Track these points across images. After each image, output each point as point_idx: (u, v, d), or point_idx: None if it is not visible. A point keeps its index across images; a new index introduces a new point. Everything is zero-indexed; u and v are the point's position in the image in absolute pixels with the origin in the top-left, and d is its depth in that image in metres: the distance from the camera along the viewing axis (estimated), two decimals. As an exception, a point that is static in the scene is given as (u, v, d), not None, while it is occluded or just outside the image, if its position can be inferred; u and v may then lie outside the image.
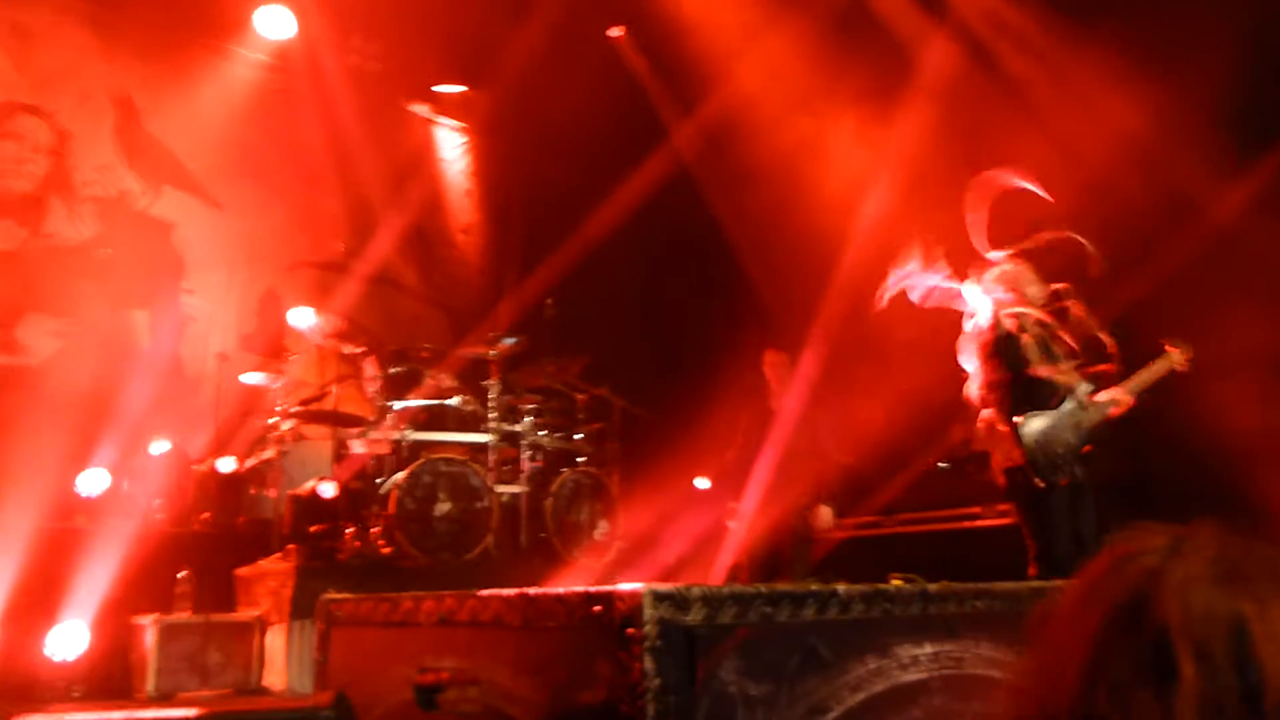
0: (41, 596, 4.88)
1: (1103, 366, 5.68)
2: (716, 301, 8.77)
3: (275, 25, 7.87)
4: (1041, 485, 4.44)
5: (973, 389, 4.71)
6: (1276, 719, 0.68)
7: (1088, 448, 4.62)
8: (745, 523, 5.73)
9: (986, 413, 4.68)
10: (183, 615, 4.96)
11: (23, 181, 7.04)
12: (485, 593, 2.08)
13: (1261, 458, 5.04)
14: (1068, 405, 4.61)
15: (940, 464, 7.17)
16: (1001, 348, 4.62)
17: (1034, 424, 4.52)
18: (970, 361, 4.71)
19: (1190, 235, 5.87)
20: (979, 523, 6.43)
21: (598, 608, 1.81)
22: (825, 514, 6.00)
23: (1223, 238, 5.82)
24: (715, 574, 5.91)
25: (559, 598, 1.93)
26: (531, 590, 1.98)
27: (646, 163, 8.39)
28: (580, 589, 1.91)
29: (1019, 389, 4.57)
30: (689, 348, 8.45)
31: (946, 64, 7.13)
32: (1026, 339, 4.63)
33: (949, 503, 6.76)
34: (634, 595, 1.79)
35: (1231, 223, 5.79)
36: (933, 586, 2.33)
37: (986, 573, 2.61)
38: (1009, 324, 4.67)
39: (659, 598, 1.79)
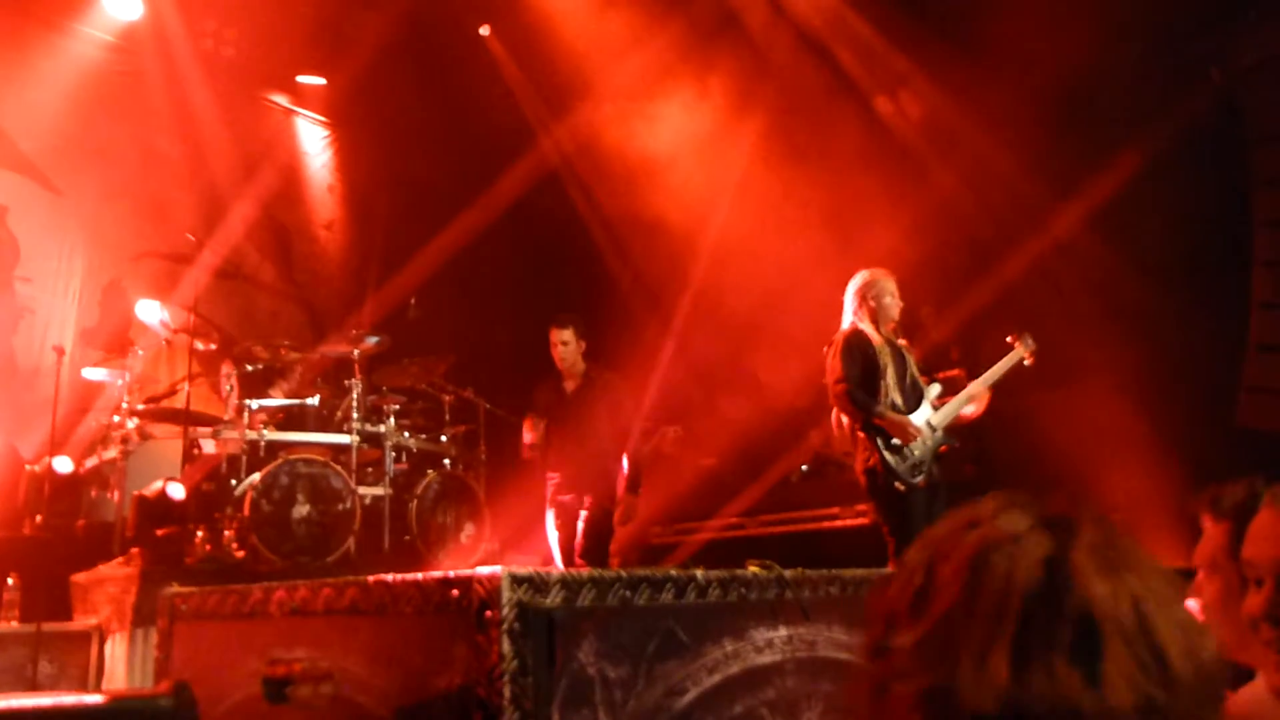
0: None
1: (952, 371, 5.98)
2: (583, 302, 8.80)
3: (121, 4, 7.48)
4: (901, 488, 4.60)
5: (832, 393, 4.85)
6: (1183, 688, 0.78)
7: (943, 448, 4.82)
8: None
9: (843, 416, 4.83)
10: (10, 625, 4.65)
11: None
12: (339, 580, 2.03)
13: (1096, 458, 5.38)
14: (921, 410, 4.81)
15: (801, 466, 7.38)
16: (855, 355, 4.77)
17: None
18: (830, 365, 4.86)
19: (1025, 252, 6.24)
20: (838, 523, 6.64)
21: (455, 591, 1.79)
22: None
23: (1056, 254, 6.21)
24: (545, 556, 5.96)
25: (416, 583, 1.90)
26: (388, 576, 1.94)
27: (513, 162, 8.35)
28: (437, 574, 1.88)
29: (872, 394, 4.73)
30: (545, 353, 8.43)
31: (798, 73, 7.37)
32: (879, 345, 4.81)
33: (809, 504, 6.96)
34: (492, 579, 1.77)
35: (1063, 241, 6.18)
36: (788, 573, 2.40)
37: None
38: (865, 330, 4.84)
39: (517, 580, 1.79)
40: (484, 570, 1.81)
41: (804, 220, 7.19)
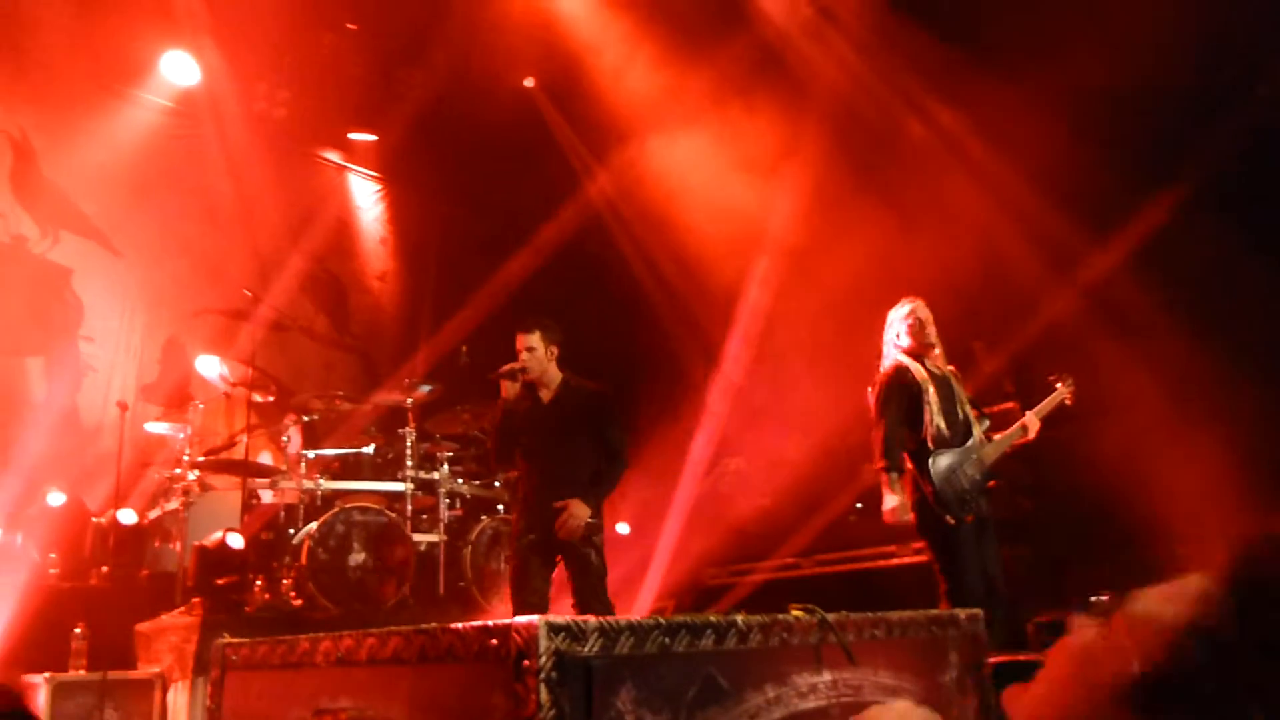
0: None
1: (1006, 405, 5.90)
2: (632, 344, 8.85)
3: (179, 71, 7.77)
4: (951, 521, 4.54)
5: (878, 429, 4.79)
6: None
7: (992, 483, 4.75)
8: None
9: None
10: (77, 673, 4.76)
11: (-88, 225, 6.80)
12: (382, 630, 2.06)
13: (1152, 488, 5.26)
14: (970, 442, 4.74)
15: (856, 504, 7.29)
16: (894, 393, 4.68)
17: (940, 461, 4.64)
18: (870, 406, 4.80)
19: (1076, 282, 6.17)
20: (894, 561, 6.54)
21: (494, 640, 1.81)
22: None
23: (1096, 291, 6.12)
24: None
25: (456, 633, 1.92)
26: (428, 626, 1.96)
27: (559, 208, 8.48)
28: (477, 623, 1.90)
29: (916, 427, 4.68)
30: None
31: (841, 107, 7.39)
32: (921, 378, 4.75)
33: (865, 542, 6.87)
34: (530, 627, 1.79)
35: (1103, 278, 6.11)
36: (831, 616, 2.37)
37: (906, 607, 2.66)
38: (905, 364, 4.79)
39: (554, 629, 1.80)
40: (521, 619, 1.82)
41: (851, 254, 7.18)
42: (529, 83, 8.93)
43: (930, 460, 4.62)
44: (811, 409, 7.73)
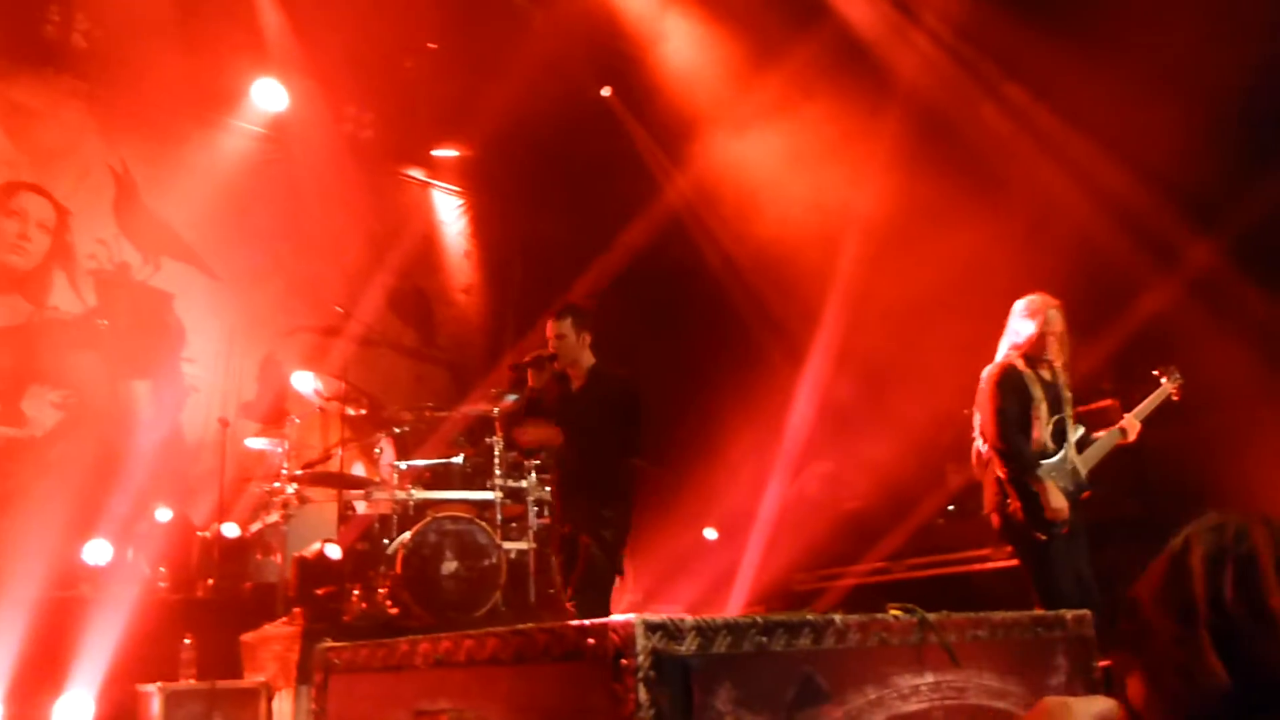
0: (47, 666, 4.86)
1: (1105, 402, 5.67)
2: (717, 348, 8.83)
3: (269, 97, 8.03)
4: (1043, 538, 4.36)
5: (979, 428, 4.59)
6: None
7: (1086, 494, 4.54)
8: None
9: (981, 446, 4.60)
10: (188, 682, 4.92)
11: (26, 258, 7.15)
12: (479, 632, 2.08)
13: (1249, 481, 5.03)
14: (1062, 454, 4.54)
15: (947, 506, 7.15)
16: (1008, 392, 4.45)
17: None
18: (981, 403, 4.59)
19: (1178, 275, 5.94)
20: (989, 565, 6.38)
21: (591, 640, 1.81)
22: None
23: (1200, 282, 5.89)
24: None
25: (553, 632, 1.93)
26: (525, 626, 1.98)
27: (640, 214, 8.51)
28: (574, 623, 1.91)
29: (1026, 433, 4.43)
30: (692, 397, 8.48)
31: (924, 99, 7.26)
32: (1032, 380, 4.52)
33: (957, 545, 6.72)
34: (626, 626, 1.79)
35: (1207, 268, 5.87)
36: (931, 616, 2.32)
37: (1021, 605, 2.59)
38: (1018, 365, 4.52)
39: (651, 628, 1.79)
40: (618, 618, 1.83)
41: (938, 248, 7.05)
42: (606, 92, 9.00)
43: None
44: (899, 409, 7.60)
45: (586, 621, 1.86)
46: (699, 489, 7.63)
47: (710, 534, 7.73)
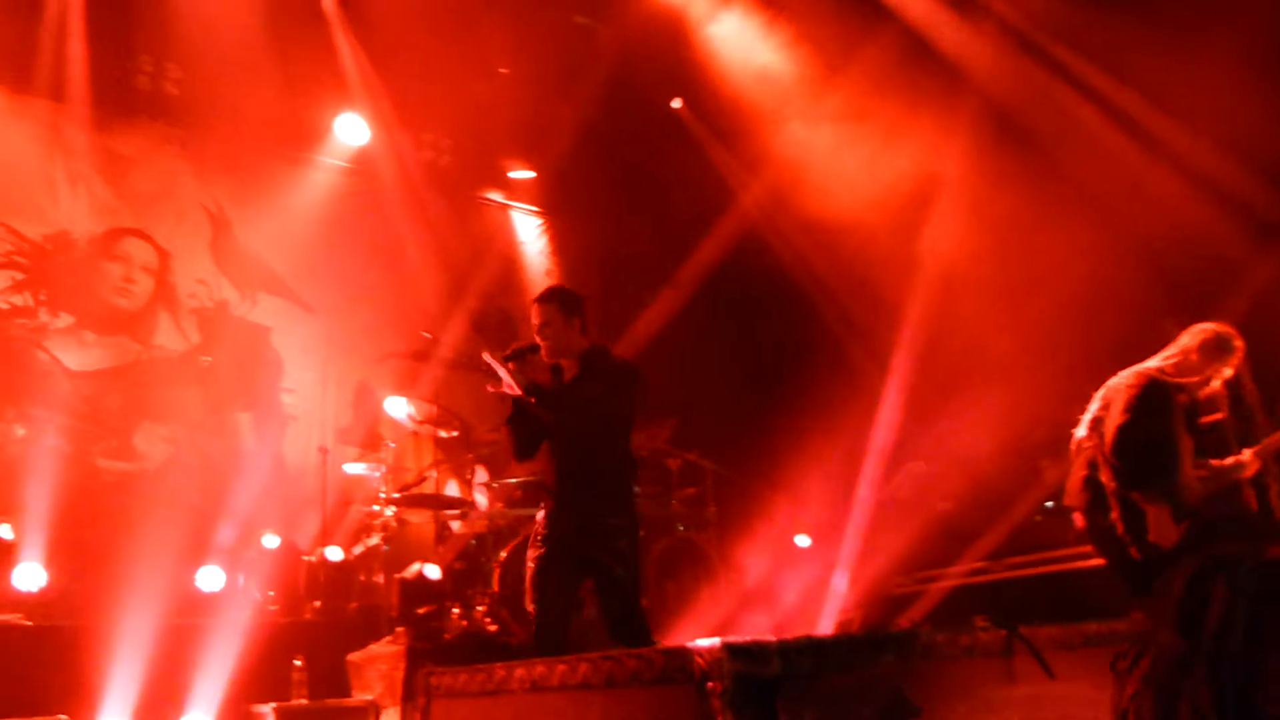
0: (169, 689, 5.10)
1: (1214, 416, 5.22)
2: (800, 353, 8.79)
3: (351, 131, 8.30)
4: (1139, 557, 4.15)
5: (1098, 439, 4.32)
6: None
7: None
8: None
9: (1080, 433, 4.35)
10: (300, 702, 5.11)
11: (132, 300, 7.52)
12: (572, 658, 2.15)
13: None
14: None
15: (1045, 503, 6.99)
16: (1154, 406, 4.05)
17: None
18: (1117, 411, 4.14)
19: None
20: (1090, 563, 6.22)
21: (677, 665, 1.86)
22: None
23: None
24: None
25: (640, 657, 1.98)
26: (614, 651, 2.03)
27: (716, 223, 8.54)
28: (661, 647, 1.96)
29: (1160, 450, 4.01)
30: (777, 404, 8.46)
31: (1003, 94, 7.13)
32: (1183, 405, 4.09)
33: (1058, 543, 6.57)
34: (712, 650, 1.83)
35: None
36: (1021, 628, 2.30)
37: (1105, 612, 2.54)
38: (1169, 382, 4.14)
39: (736, 651, 1.83)
40: (704, 643, 1.87)
41: (1025, 241, 6.92)
42: (677, 104, 9.06)
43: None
44: (990, 407, 7.47)
45: (672, 647, 1.91)
46: (788, 496, 7.61)
47: (802, 541, 7.70)
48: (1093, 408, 4.29)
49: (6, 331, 6.95)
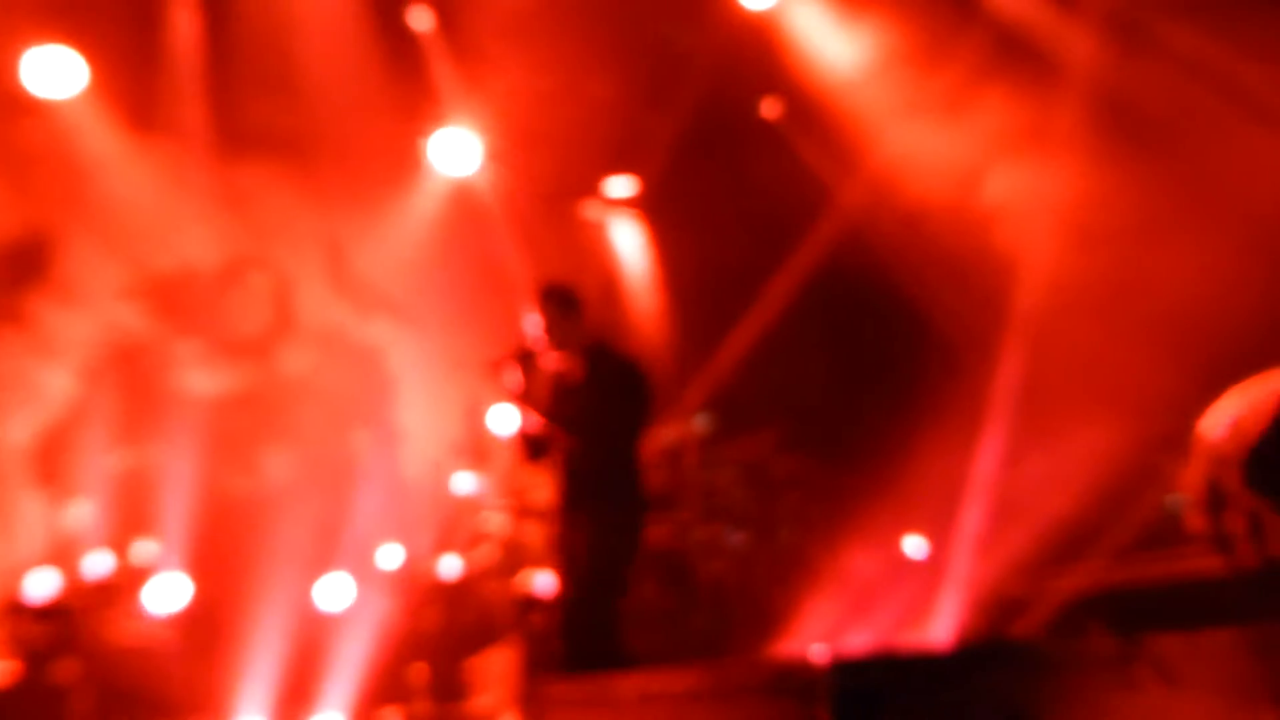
0: (301, 695, 5.35)
1: None
2: (906, 352, 8.67)
3: (454, 152, 8.52)
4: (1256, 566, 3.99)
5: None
6: None
7: None
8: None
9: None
10: (423, 706, 5.29)
11: (255, 326, 7.92)
12: (681, 667, 2.19)
13: None
14: None
15: (1167, 501, 6.74)
16: None
17: None
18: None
19: None
20: (1218, 565, 5.96)
21: (784, 674, 1.88)
22: None
23: None
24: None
25: (750, 667, 2.01)
26: (720, 661, 2.07)
27: (815, 225, 8.48)
28: (769, 657, 1.99)
29: None
30: (883, 406, 8.36)
31: (1107, 79, 6.91)
32: None
33: (1183, 540, 6.31)
34: (819, 660, 1.85)
35: None
36: (1141, 635, 2.25)
37: (1233, 618, 2.46)
38: None
39: (845, 663, 1.84)
40: (811, 652, 1.89)
41: (1141, 237, 6.69)
42: (771, 107, 9.04)
43: None
44: (1108, 400, 7.24)
45: (781, 657, 1.93)
46: (898, 498, 7.50)
47: (911, 545, 7.58)
48: (1230, 406, 4.10)
49: (140, 361, 7.40)
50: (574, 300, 4.39)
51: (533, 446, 4.32)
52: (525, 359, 4.31)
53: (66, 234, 7.43)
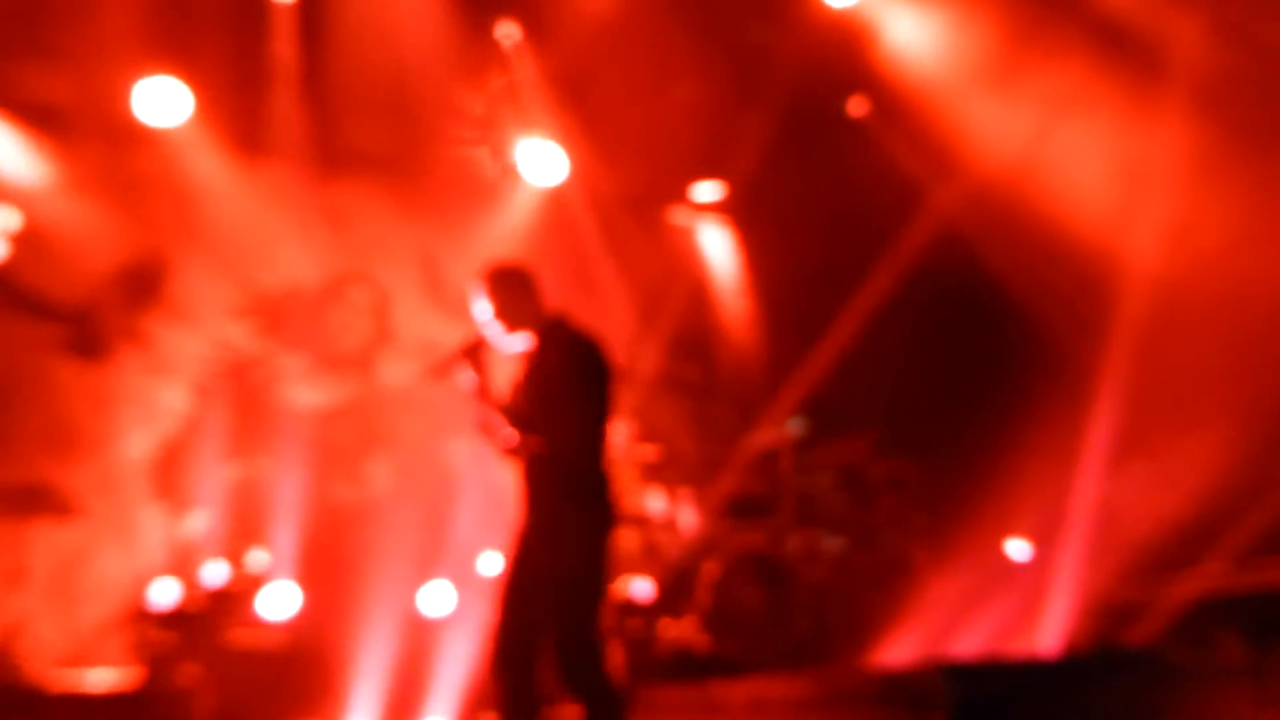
0: (408, 702, 5.49)
1: None
2: (1006, 351, 8.47)
3: (544, 162, 8.64)
4: None
5: None
6: None
7: None
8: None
9: None
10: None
11: (356, 339, 8.16)
12: (787, 673, 2.18)
13: None
14: None
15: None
16: None
17: None
18: None
19: None
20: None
21: (897, 684, 1.86)
22: None
23: None
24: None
25: (861, 675, 1.99)
26: (831, 668, 2.05)
27: (908, 224, 8.35)
28: (880, 665, 1.96)
29: None
30: (985, 406, 8.18)
31: (1218, 60, 6.65)
32: None
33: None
34: (931, 670, 1.82)
35: None
36: (1275, 646, 2.16)
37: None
38: None
39: (956, 672, 1.82)
40: (923, 661, 1.86)
41: (1242, 234, 6.43)
42: (860, 104, 8.94)
43: None
44: (1218, 397, 6.97)
45: (893, 667, 1.91)
46: (999, 501, 7.32)
47: (1017, 546, 7.39)
48: None
49: (250, 376, 7.69)
50: (524, 277, 3.97)
51: (499, 443, 3.90)
52: (476, 352, 3.86)
53: (179, 256, 7.77)
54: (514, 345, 3.90)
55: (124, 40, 7.21)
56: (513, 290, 3.91)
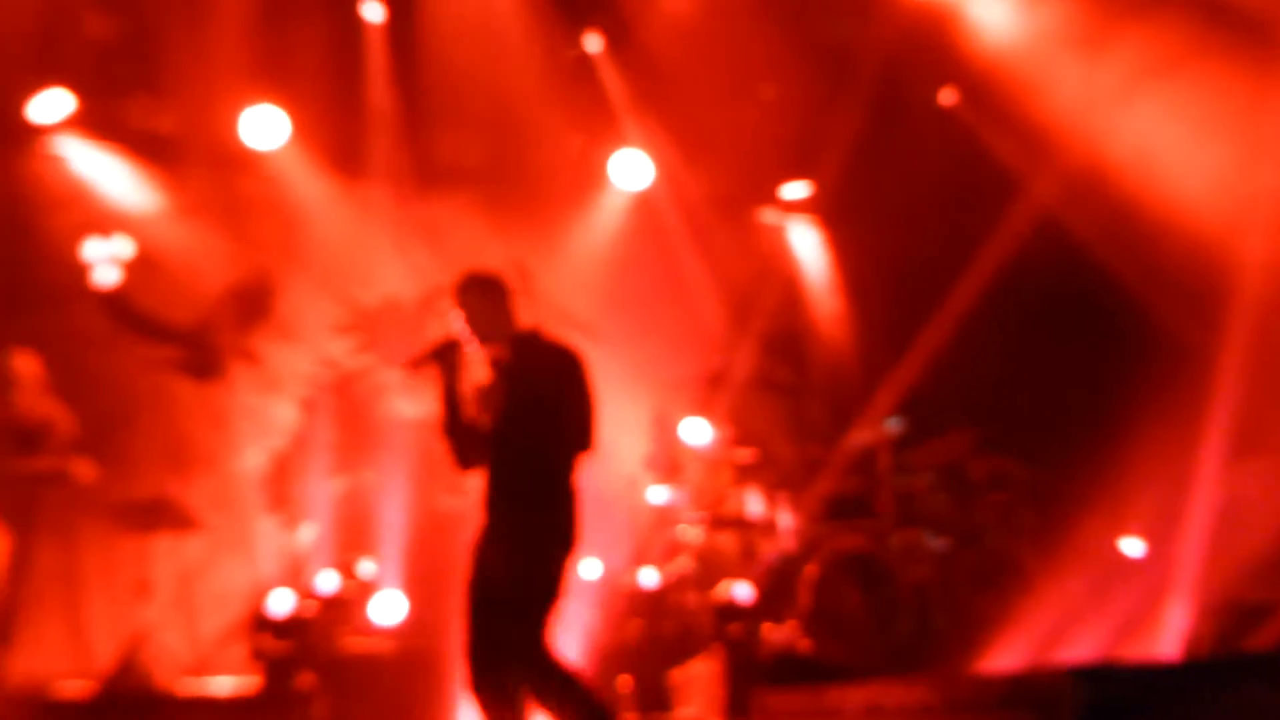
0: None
1: None
2: (1116, 344, 8.20)
3: (632, 168, 8.70)
4: None
5: None
6: None
7: None
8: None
9: None
10: (630, 717, 5.40)
11: (452, 352, 8.32)
12: (903, 678, 2.15)
13: None
14: None
15: None
16: None
17: None
18: None
19: None
20: None
21: (1021, 689, 1.82)
22: None
23: None
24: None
25: (982, 680, 1.96)
26: (954, 673, 2.02)
27: (1003, 217, 8.15)
28: (1003, 671, 1.92)
29: None
30: (1095, 400, 7.93)
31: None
32: None
33: None
34: (1058, 674, 1.78)
35: None
36: None
37: None
38: None
39: (1085, 677, 1.77)
40: (1048, 667, 1.82)
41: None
42: (950, 96, 8.78)
43: None
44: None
45: (1015, 670, 1.87)
46: (1110, 499, 7.08)
47: (1132, 547, 7.15)
48: None
49: (354, 390, 7.91)
50: (498, 286, 4.01)
51: (463, 451, 3.87)
52: (446, 356, 3.86)
53: (284, 276, 8.05)
54: (485, 353, 3.90)
55: (226, 70, 7.52)
56: (484, 300, 3.95)
